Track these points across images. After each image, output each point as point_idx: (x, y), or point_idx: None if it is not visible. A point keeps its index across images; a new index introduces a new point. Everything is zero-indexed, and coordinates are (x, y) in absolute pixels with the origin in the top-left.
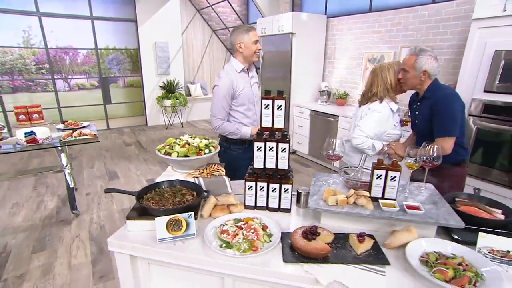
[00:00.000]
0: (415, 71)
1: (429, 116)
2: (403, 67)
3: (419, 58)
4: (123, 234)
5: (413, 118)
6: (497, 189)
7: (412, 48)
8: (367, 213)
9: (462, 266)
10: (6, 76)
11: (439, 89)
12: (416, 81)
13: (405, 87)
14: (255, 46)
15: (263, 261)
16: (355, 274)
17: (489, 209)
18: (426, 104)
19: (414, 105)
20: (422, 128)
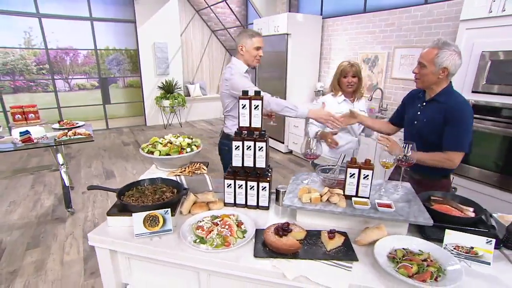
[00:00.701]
0: (434, 66)
1: (438, 121)
2: (421, 60)
3: (441, 52)
4: (104, 230)
5: (409, 116)
6: (486, 189)
7: (434, 40)
8: (339, 210)
9: (426, 262)
10: (7, 77)
11: (454, 96)
12: (433, 78)
13: (419, 84)
14: (256, 52)
15: (234, 256)
16: (322, 270)
17: (462, 207)
18: (435, 108)
19: (417, 103)
20: (421, 130)
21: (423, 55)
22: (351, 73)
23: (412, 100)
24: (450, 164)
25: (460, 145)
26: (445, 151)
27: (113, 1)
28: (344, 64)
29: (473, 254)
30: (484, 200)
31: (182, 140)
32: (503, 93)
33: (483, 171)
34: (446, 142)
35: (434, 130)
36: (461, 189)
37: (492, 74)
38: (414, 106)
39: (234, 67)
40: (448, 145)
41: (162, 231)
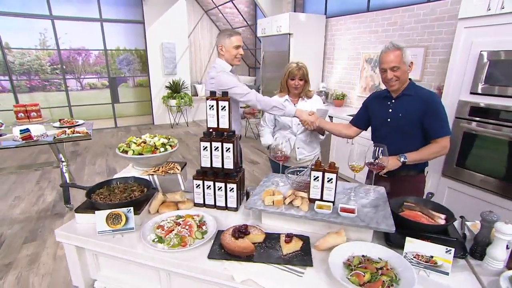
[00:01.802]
0: (405, 65)
1: (416, 113)
2: (394, 64)
3: (404, 51)
4: (72, 226)
5: (378, 116)
6: (488, 196)
7: (389, 45)
8: (300, 214)
9: (382, 271)
10: (24, 76)
11: (420, 87)
12: (406, 76)
13: (397, 86)
14: (236, 51)
15: (189, 257)
16: (272, 274)
17: (433, 214)
18: (408, 101)
19: (384, 102)
20: (398, 125)
21: (392, 60)
22: (298, 76)
23: (378, 101)
24: (445, 151)
25: (447, 129)
26: (436, 140)
27: (123, 2)
28: (292, 66)
29: (432, 263)
30: (484, 207)
31: (157, 140)
32: (502, 94)
33: (482, 177)
34: (434, 132)
35: (412, 122)
36: (462, 196)
37: (491, 75)
38: (383, 105)
39: (219, 67)
40: (438, 133)
41: (124, 229)
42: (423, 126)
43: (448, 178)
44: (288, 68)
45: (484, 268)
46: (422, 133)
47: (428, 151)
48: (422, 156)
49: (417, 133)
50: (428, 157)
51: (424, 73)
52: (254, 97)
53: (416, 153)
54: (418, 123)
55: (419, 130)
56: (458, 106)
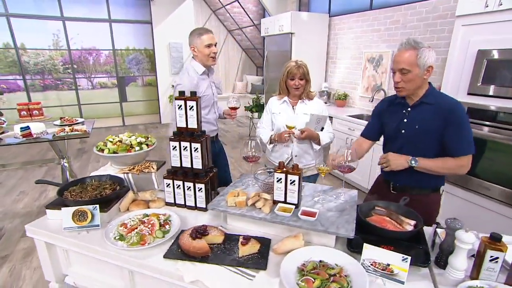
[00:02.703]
0: (419, 68)
1: (436, 124)
2: (402, 66)
3: (420, 52)
4: (43, 222)
5: (391, 126)
6: (482, 201)
7: (404, 42)
8: (260, 216)
9: (334, 277)
10: (38, 76)
11: (443, 95)
12: (419, 81)
13: (403, 92)
14: (208, 50)
15: (145, 255)
16: (223, 276)
17: (402, 220)
18: (426, 111)
19: (399, 110)
20: (412, 137)
21: (402, 61)
22: (298, 75)
23: (391, 109)
24: (463, 170)
25: (470, 147)
26: (455, 157)
27: (131, 3)
28: (291, 65)
29: (389, 271)
30: (481, 214)
31: (134, 139)
32: (500, 95)
33: (479, 182)
34: (454, 147)
35: (430, 135)
36: (459, 201)
37: (488, 75)
38: (396, 114)
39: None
40: (458, 149)
41: (89, 226)
42: (442, 139)
43: (446, 182)
44: (286, 68)
45: (445, 277)
46: (441, 147)
47: (443, 164)
48: (435, 168)
49: (435, 148)
50: (441, 170)
51: None
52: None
53: (429, 161)
54: (437, 136)
55: (437, 144)
56: None
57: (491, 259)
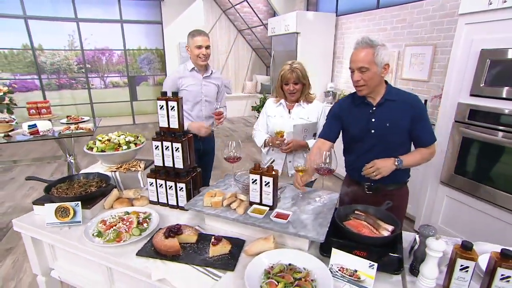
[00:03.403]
0: (377, 66)
1: (404, 120)
2: (361, 65)
3: (377, 50)
4: (30, 217)
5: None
6: (484, 206)
7: (359, 41)
8: (233, 217)
9: (299, 281)
10: (53, 75)
11: (401, 91)
12: (377, 79)
13: (364, 91)
14: (198, 51)
15: (119, 252)
16: (189, 275)
17: (379, 224)
18: (391, 107)
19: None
20: (383, 136)
21: (360, 60)
22: (292, 80)
23: (354, 110)
24: (432, 156)
25: (434, 135)
26: (427, 146)
27: (142, 4)
28: (285, 69)
29: (356, 278)
30: (482, 220)
31: (123, 138)
32: (503, 97)
33: (480, 186)
34: (426, 138)
35: (402, 131)
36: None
37: (492, 75)
38: (362, 115)
39: (178, 68)
40: (428, 139)
41: (71, 222)
42: (411, 133)
43: (446, 186)
44: (281, 72)
45: (417, 286)
46: (410, 141)
47: (421, 156)
48: (416, 161)
49: (406, 143)
50: (420, 162)
51: (432, 73)
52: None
53: (410, 157)
54: (406, 131)
55: (406, 139)
56: (457, 109)
57: (461, 268)
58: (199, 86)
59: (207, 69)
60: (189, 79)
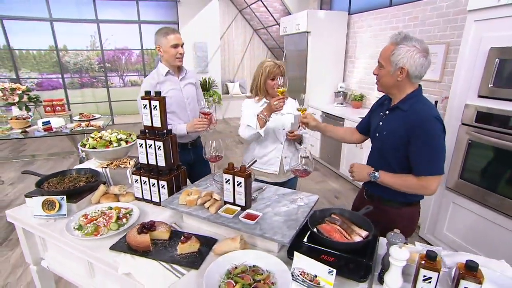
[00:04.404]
0: (391, 66)
1: (398, 135)
2: (379, 59)
3: (397, 49)
4: (22, 209)
5: (372, 127)
6: (490, 214)
7: (394, 34)
8: (204, 216)
9: (258, 283)
10: (76, 74)
11: (420, 104)
12: (390, 80)
13: (379, 87)
14: (174, 50)
15: (94, 246)
16: (154, 271)
17: (353, 230)
18: (398, 117)
19: (379, 111)
20: (381, 145)
21: (381, 53)
22: (279, 74)
23: (378, 108)
24: (426, 192)
25: (435, 168)
26: (418, 176)
27: (160, 5)
28: (268, 64)
29: (316, 283)
30: (487, 228)
31: (114, 136)
32: None
33: (486, 193)
34: (416, 164)
35: (394, 145)
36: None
37: (500, 75)
38: (378, 114)
39: (150, 75)
40: (419, 168)
41: (56, 215)
42: (408, 155)
43: (452, 191)
44: (265, 68)
45: None
46: (408, 162)
47: (403, 182)
48: (395, 184)
49: (401, 161)
50: (401, 188)
51: (444, 73)
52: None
53: (390, 176)
54: (401, 149)
55: (401, 157)
56: (464, 111)
57: (424, 278)
58: (179, 90)
59: (181, 70)
60: (167, 84)
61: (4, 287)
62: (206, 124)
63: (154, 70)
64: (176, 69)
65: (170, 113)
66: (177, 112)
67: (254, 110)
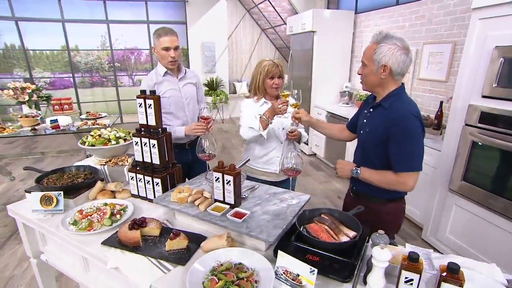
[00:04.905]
0: (374, 64)
1: (379, 133)
2: (362, 59)
3: (379, 47)
4: (22, 204)
5: (359, 123)
6: (493, 217)
7: (375, 34)
8: (193, 213)
9: (240, 280)
10: (87, 74)
11: (400, 102)
12: (374, 78)
13: (363, 87)
14: (165, 53)
15: (88, 240)
16: (142, 266)
17: (340, 230)
18: (380, 114)
19: (365, 109)
20: (363, 143)
21: (364, 53)
22: (277, 74)
23: (364, 107)
24: (405, 188)
25: (412, 164)
26: (396, 172)
27: (168, 5)
28: (267, 63)
29: (298, 282)
30: (491, 232)
31: (113, 134)
32: None
33: (490, 195)
34: (396, 162)
35: (374, 142)
36: (469, 216)
37: (505, 75)
38: (363, 113)
39: (149, 74)
40: (397, 164)
41: (54, 210)
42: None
43: (455, 194)
44: (263, 67)
45: None
46: (387, 158)
47: (382, 178)
48: (374, 180)
49: (381, 158)
50: (381, 184)
51: (451, 72)
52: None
53: (371, 173)
54: (381, 145)
55: (383, 155)
56: (467, 111)
57: (406, 280)
58: (177, 90)
59: (180, 70)
60: (165, 85)
61: (10, 279)
62: (204, 129)
63: (153, 70)
64: (175, 69)
65: (168, 113)
66: (175, 113)
67: (253, 110)
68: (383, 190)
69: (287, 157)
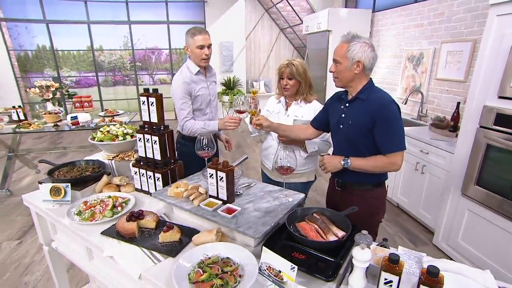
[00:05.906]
0: (348, 61)
1: (364, 122)
2: (335, 57)
3: (351, 45)
4: (36, 194)
5: (333, 121)
6: (507, 224)
7: (344, 35)
8: (187, 208)
9: (224, 274)
10: (110, 73)
11: (377, 92)
12: (349, 74)
13: (338, 83)
14: (200, 52)
15: (88, 230)
16: (135, 256)
17: (330, 229)
18: (360, 106)
19: (340, 105)
20: (348, 135)
21: (335, 52)
22: (286, 75)
23: (335, 103)
24: (395, 168)
25: (399, 144)
26: (385, 154)
27: (188, 5)
28: (282, 64)
29: (279, 278)
30: (502, 239)
31: (121, 130)
32: None
33: (505, 201)
34: (383, 144)
35: (362, 132)
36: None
37: None
38: (337, 108)
39: (180, 73)
40: (387, 146)
41: (62, 201)
42: (373, 137)
43: (468, 198)
44: (279, 67)
45: None
46: (375, 145)
47: (374, 163)
48: (367, 167)
49: (369, 146)
50: (373, 169)
51: (469, 72)
52: (184, 126)
53: (361, 160)
54: (368, 134)
55: (370, 142)
56: (482, 112)
57: (385, 281)
58: (206, 88)
59: (208, 69)
60: (198, 83)
61: (30, 264)
62: (237, 124)
63: (184, 68)
64: (204, 68)
65: (198, 110)
66: (204, 110)
67: (270, 107)
68: (367, 176)
69: (279, 155)
